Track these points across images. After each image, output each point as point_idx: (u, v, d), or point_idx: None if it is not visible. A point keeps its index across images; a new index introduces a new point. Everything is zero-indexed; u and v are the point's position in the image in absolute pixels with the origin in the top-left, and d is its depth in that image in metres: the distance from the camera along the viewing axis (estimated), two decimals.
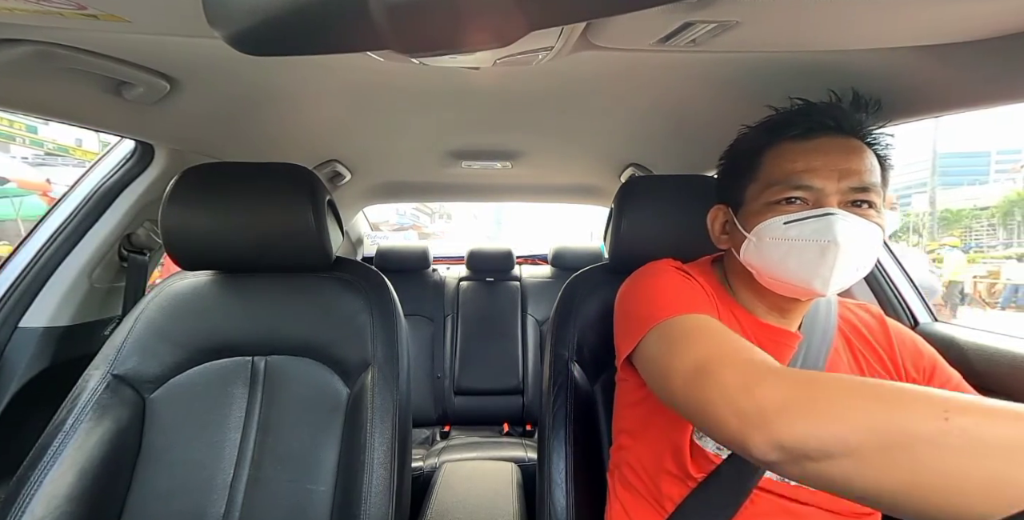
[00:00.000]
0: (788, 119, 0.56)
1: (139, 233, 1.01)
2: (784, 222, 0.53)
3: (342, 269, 0.82)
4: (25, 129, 7.29)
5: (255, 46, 0.32)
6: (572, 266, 1.92)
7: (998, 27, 0.49)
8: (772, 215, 0.54)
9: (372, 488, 0.65)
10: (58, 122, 0.79)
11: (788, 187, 0.53)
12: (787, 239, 0.52)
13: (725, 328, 0.49)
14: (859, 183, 0.51)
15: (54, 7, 0.44)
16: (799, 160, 0.53)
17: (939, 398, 0.33)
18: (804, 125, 0.54)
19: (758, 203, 0.56)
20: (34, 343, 0.89)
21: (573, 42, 0.57)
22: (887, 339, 0.62)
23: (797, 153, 0.53)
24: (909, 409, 0.32)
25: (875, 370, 0.60)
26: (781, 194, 0.53)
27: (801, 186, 0.52)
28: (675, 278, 0.59)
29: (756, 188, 0.56)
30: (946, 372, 0.60)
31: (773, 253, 0.53)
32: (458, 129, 1.10)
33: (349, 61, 0.68)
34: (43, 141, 6.13)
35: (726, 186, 0.62)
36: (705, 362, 0.43)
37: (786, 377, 0.38)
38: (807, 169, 0.52)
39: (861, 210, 0.52)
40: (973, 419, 0.31)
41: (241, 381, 0.75)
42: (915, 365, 0.59)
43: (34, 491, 0.61)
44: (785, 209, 0.53)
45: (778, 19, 0.50)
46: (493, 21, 0.30)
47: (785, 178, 0.53)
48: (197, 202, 0.72)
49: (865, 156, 0.52)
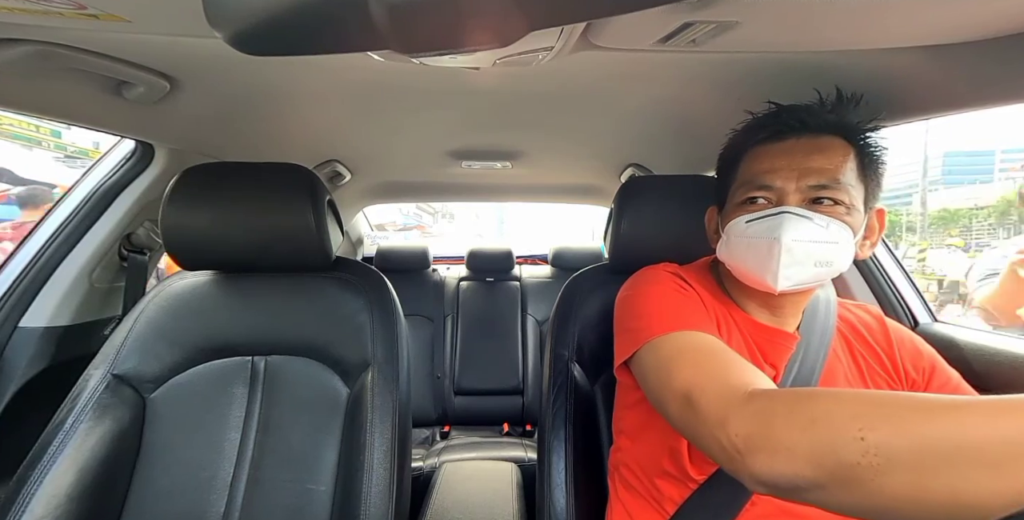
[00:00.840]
0: (760, 123, 0.58)
1: (139, 233, 1.01)
2: (745, 221, 0.55)
3: (342, 269, 0.82)
4: (50, 134, 7.69)
5: (255, 46, 0.32)
6: (572, 266, 1.92)
7: (998, 27, 0.49)
8: (737, 214, 0.57)
9: (372, 488, 0.65)
10: (58, 122, 0.79)
11: (753, 187, 0.56)
12: (747, 237, 0.55)
13: (713, 345, 0.50)
14: (818, 181, 0.52)
15: (54, 7, 0.45)
16: (765, 161, 0.55)
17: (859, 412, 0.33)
18: (773, 127, 0.56)
19: (731, 203, 0.59)
20: (34, 343, 0.89)
21: (573, 42, 0.57)
22: (887, 340, 0.62)
23: (765, 155, 0.55)
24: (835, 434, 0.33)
25: (874, 370, 0.60)
26: (747, 194, 0.56)
27: (763, 186, 0.55)
28: (670, 289, 0.60)
29: (733, 189, 0.59)
30: (945, 372, 0.60)
31: (736, 250, 0.56)
32: (458, 129, 1.10)
33: (349, 61, 0.68)
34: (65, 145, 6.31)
35: (717, 187, 0.64)
36: (689, 391, 0.44)
37: (752, 407, 0.39)
38: (770, 169, 0.54)
39: (823, 207, 0.52)
40: (883, 435, 0.31)
41: (241, 381, 0.75)
42: (914, 366, 0.59)
43: (34, 491, 0.61)
44: (749, 209, 0.56)
45: (778, 19, 0.50)
46: (493, 21, 0.30)
47: (751, 179, 0.56)
48: (197, 202, 0.72)
49: (833, 154, 0.53)
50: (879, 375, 0.59)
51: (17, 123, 7.48)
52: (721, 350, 0.49)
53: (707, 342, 0.50)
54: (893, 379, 0.59)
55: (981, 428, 0.29)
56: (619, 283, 0.66)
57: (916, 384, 0.59)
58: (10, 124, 7.35)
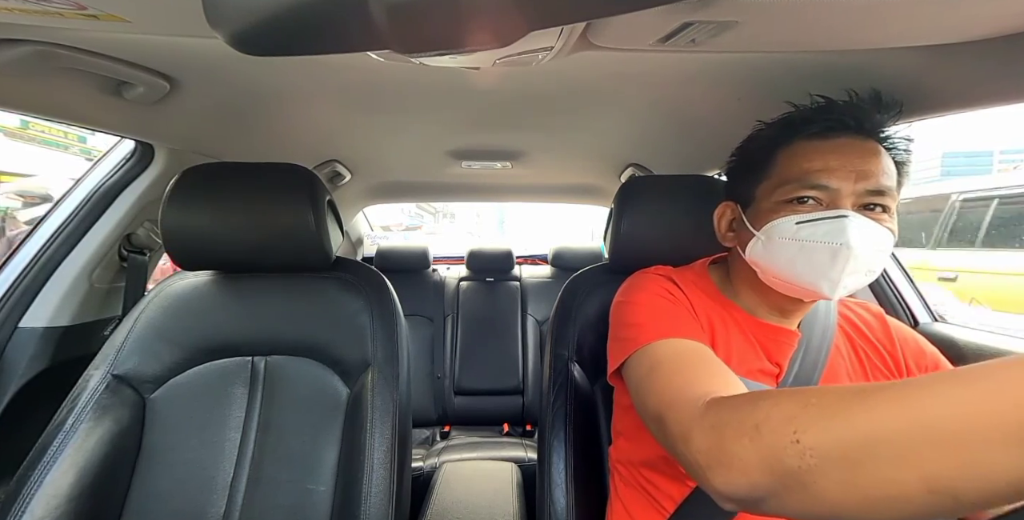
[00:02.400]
0: (808, 116, 0.54)
1: (139, 233, 1.01)
2: (796, 222, 0.51)
3: (342, 269, 0.82)
4: (77, 140, 8.24)
5: (255, 46, 0.32)
6: (572, 266, 1.92)
7: (998, 27, 0.49)
8: (784, 214, 0.52)
9: (372, 488, 0.65)
10: (58, 122, 0.79)
11: (802, 186, 0.51)
12: (797, 240, 0.51)
13: (690, 352, 0.50)
14: (875, 186, 0.50)
15: (54, 7, 0.44)
16: (816, 159, 0.51)
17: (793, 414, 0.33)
18: (824, 123, 0.52)
19: (769, 201, 0.54)
20: (34, 343, 0.89)
21: (573, 42, 0.57)
22: (888, 338, 0.62)
23: (814, 152, 0.52)
24: (775, 439, 0.33)
25: (877, 368, 0.59)
26: (794, 193, 0.52)
27: (816, 186, 0.51)
28: (658, 296, 0.59)
29: (768, 186, 0.55)
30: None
31: (782, 253, 0.52)
32: (458, 129, 1.10)
33: (349, 61, 0.68)
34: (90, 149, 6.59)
35: (736, 183, 0.60)
36: (659, 410, 0.45)
37: (708, 420, 0.39)
38: (824, 168, 0.51)
39: (874, 214, 0.51)
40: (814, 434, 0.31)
41: (241, 381, 0.75)
42: (917, 364, 0.59)
43: (34, 491, 0.61)
44: (797, 209, 0.52)
45: (778, 19, 0.50)
46: (492, 21, 0.30)
47: (800, 177, 0.52)
48: (197, 202, 0.72)
49: (883, 159, 0.51)
50: (881, 372, 0.59)
51: (48, 130, 7.90)
52: (699, 357, 0.49)
53: (687, 349, 0.50)
54: (894, 375, 0.59)
55: (891, 415, 0.29)
56: (619, 283, 0.66)
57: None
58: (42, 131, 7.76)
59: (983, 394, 0.26)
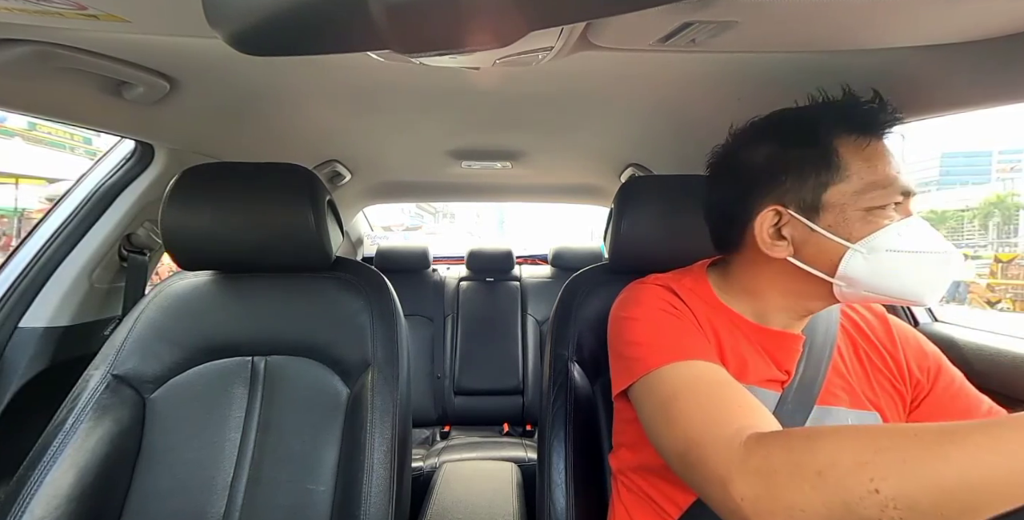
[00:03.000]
0: (865, 114, 0.50)
1: (139, 233, 1.01)
2: (898, 233, 0.47)
3: (342, 269, 0.82)
4: (82, 141, 8.65)
5: (255, 46, 0.32)
6: (572, 266, 1.92)
7: (998, 27, 0.49)
8: (882, 223, 0.48)
9: (372, 488, 0.65)
10: (58, 122, 0.79)
11: (894, 191, 0.48)
12: (906, 252, 0.47)
13: (709, 377, 0.47)
14: (912, 190, 0.49)
15: (54, 7, 0.44)
16: (888, 161, 0.48)
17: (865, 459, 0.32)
18: (874, 123, 0.49)
19: (857, 209, 0.48)
20: (34, 343, 0.89)
21: (573, 42, 0.57)
22: (890, 338, 0.60)
23: (878, 154, 0.49)
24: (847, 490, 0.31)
25: (878, 369, 0.59)
26: (887, 199, 0.48)
27: (906, 191, 0.48)
28: (659, 311, 0.55)
29: (845, 190, 0.49)
30: (950, 373, 0.58)
31: (890, 266, 0.47)
32: (458, 129, 1.10)
33: (349, 61, 0.68)
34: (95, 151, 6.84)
35: (784, 182, 0.52)
36: (687, 448, 0.42)
37: (753, 463, 0.36)
38: (896, 171, 0.48)
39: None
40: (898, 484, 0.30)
41: (241, 381, 0.75)
42: (919, 366, 0.58)
43: (34, 491, 0.61)
44: (889, 216, 0.48)
45: (778, 19, 0.50)
46: (492, 21, 0.30)
47: (890, 181, 0.48)
48: (197, 202, 0.72)
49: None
50: (883, 373, 0.58)
51: (54, 131, 8.07)
52: (717, 384, 0.46)
53: (703, 375, 0.48)
54: (896, 379, 0.58)
55: (990, 458, 0.28)
56: (619, 283, 0.66)
57: (920, 385, 0.57)
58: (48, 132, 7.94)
59: None
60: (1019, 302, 10.69)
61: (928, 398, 0.57)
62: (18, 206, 6.79)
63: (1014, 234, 29.98)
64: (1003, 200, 31.70)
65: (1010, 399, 0.75)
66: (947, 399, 0.56)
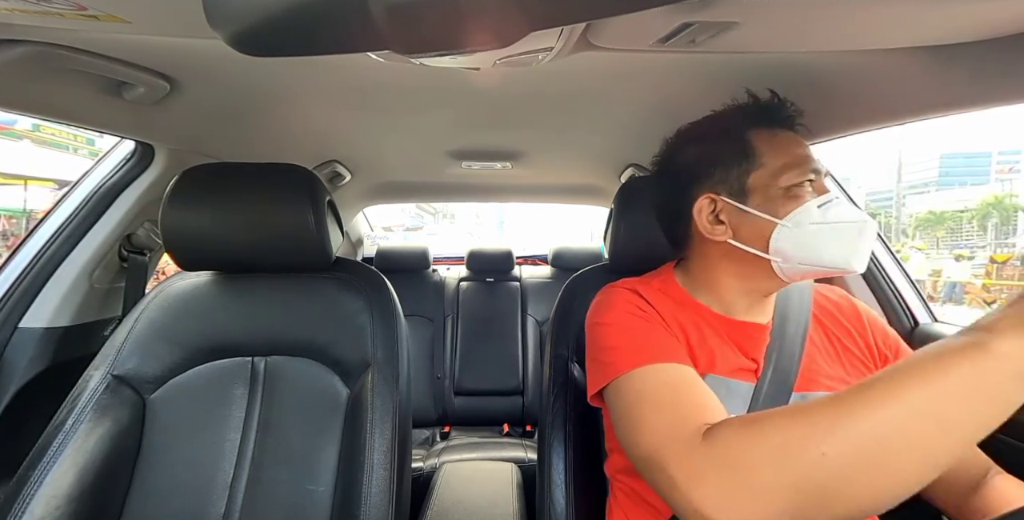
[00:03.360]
0: (772, 108, 0.58)
1: (139, 233, 1.01)
2: (818, 205, 0.53)
3: (342, 269, 0.82)
4: (85, 141, 8.83)
5: (255, 46, 0.32)
6: (572, 266, 1.92)
7: (998, 27, 0.49)
8: (802, 200, 0.53)
9: (372, 488, 0.65)
10: (58, 122, 0.79)
11: (805, 171, 0.54)
12: (827, 223, 0.52)
13: (673, 377, 0.49)
14: (824, 170, 0.56)
15: (54, 7, 0.45)
16: (795, 146, 0.56)
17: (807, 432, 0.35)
18: (779, 115, 0.57)
19: (775, 189, 0.54)
20: (34, 343, 0.89)
21: (573, 43, 0.57)
22: (858, 318, 0.64)
23: (788, 141, 0.56)
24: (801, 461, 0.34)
25: (849, 350, 0.61)
26: (800, 177, 0.54)
27: (815, 169, 0.55)
28: (628, 315, 0.58)
29: (764, 174, 0.55)
30: (908, 351, 0.62)
31: (813, 238, 0.52)
32: (458, 129, 1.10)
33: (349, 61, 0.68)
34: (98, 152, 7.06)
35: (712, 175, 0.58)
36: (650, 451, 0.43)
37: (717, 459, 0.38)
38: (806, 154, 0.55)
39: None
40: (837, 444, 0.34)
41: (241, 381, 0.75)
42: (884, 343, 0.62)
43: (34, 491, 0.61)
44: (807, 193, 0.54)
45: (778, 19, 0.50)
46: (493, 22, 0.30)
47: (799, 162, 0.54)
48: (197, 202, 0.72)
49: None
50: (853, 354, 0.61)
51: (57, 133, 8.12)
52: (681, 385, 0.48)
53: (668, 378, 0.49)
54: (867, 357, 0.61)
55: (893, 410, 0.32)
56: None
57: (888, 359, 0.61)
58: (51, 134, 8.00)
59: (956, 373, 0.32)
60: None
61: None
62: (26, 207, 6.84)
63: (1012, 235, 30.04)
64: (1001, 201, 31.79)
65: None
66: None
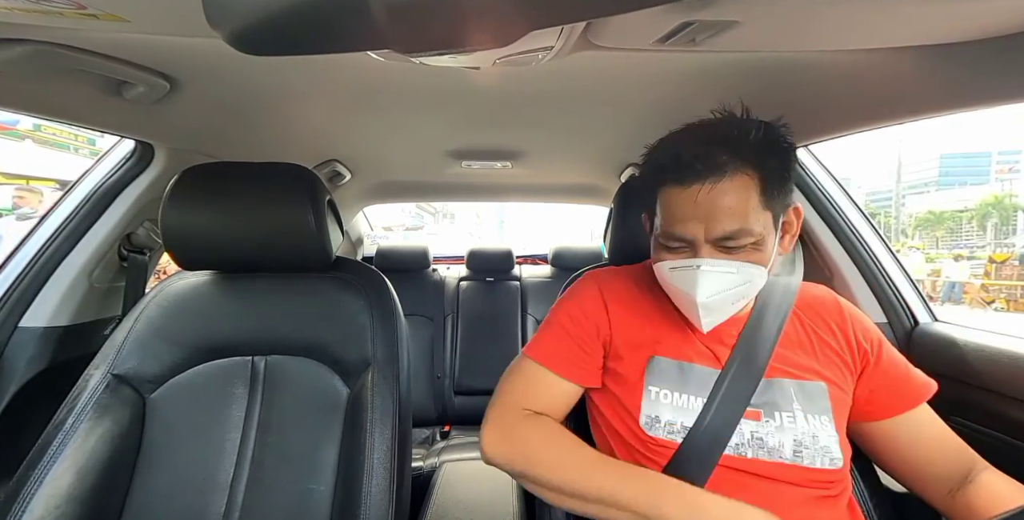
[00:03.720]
0: (662, 165, 0.58)
1: (139, 233, 1.01)
2: (669, 268, 0.59)
3: (342, 269, 0.82)
4: (86, 141, 9.03)
5: (255, 46, 0.32)
6: (572, 266, 1.92)
7: (998, 27, 0.49)
8: (661, 256, 0.60)
9: (372, 488, 0.65)
10: (58, 122, 0.79)
11: (671, 237, 0.58)
12: (672, 283, 0.59)
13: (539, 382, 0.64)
14: (724, 232, 0.54)
15: (54, 7, 0.44)
16: (677, 208, 0.57)
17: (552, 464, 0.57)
18: (676, 173, 0.56)
19: (656, 239, 0.61)
20: (34, 343, 0.89)
21: (573, 42, 0.57)
22: (840, 314, 0.65)
23: (675, 200, 0.57)
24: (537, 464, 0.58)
25: (825, 343, 0.63)
26: (667, 240, 0.59)
27: (679, 238, 0.57)
28: (567, 317, 0.67)
29: (657, 223, 0.60)
30: (890, 351, 0.64)
31: (666, 285, 0.61)
32: (458, 129, 1.10)
33: (349, 60, 0.68)
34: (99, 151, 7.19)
35: (648, 196, 0.63)
36: (493, 401, 0.65)
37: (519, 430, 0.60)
38: (681, 219, 0.56)
39: (734, 253, 0.55)
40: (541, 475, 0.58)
41: (241, 381, 0.75)
42: (865, 337, 0.63)
43: (34, 491, 0.61)
44: (670, 252, 0.59)
45: (778, 19, 0.50)
46: (493, 21, 0.30)
47: (667, 228, 0.58)
48: (197, 202, 0.72)
49: (737, 196, 0.54)
50: (830, 346, 0.63)
51: (58, 132, 8.16)
52: (542, 384, 0.64)
53: (541, 377, 0.64)
54: (843, 350, 0.63)
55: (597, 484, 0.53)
56: None
57: (867, 354, 0.63)
58: (53, 134, 8.04)
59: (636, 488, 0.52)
60: (1013, 302, 10.75)
61: (875, 367, 0.62)
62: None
63: (1012, 235, 30.06)
64: (1001, 201, 31.81)
65: (1010, 399, 0.75)
66: (889, 367, 0.63)
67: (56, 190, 6.35)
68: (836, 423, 0.57)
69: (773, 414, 0.57)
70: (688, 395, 0.59)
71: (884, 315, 1.00)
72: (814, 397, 0.58)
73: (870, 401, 0.61)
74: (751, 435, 0.57)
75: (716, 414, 0.57)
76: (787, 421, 0.57)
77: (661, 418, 0.58)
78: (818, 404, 0.58)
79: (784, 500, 0.54)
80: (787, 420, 0.57)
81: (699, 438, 0.56)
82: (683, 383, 0.59)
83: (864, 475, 0.68)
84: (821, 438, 0.56)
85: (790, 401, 0.58)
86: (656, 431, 0.58)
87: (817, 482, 0.56)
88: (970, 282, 11.72)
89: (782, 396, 0.58)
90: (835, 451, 0.56)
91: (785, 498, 0.54)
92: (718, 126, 0.57)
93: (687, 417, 0.57)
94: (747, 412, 0.57)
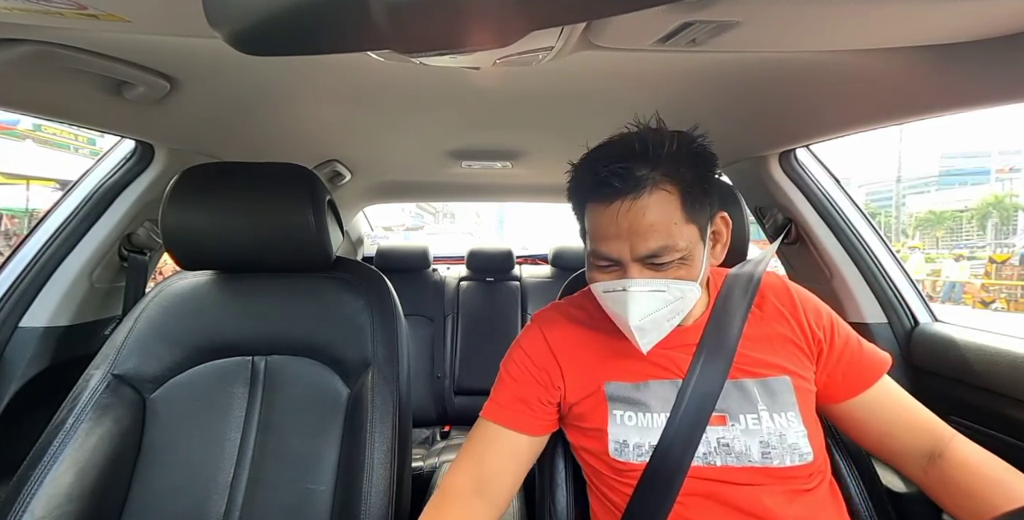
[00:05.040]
0: (584, 182, 0.58)
1: (139, 233, 1.01)
2: (603, 291, 0.58)
3: (342, 269, 0.82)
4: (86, 141, 9.04)
5: (255, 46, 0.32)
6: (572, 266, 1.93)
7: (998, 27, 0.49)
8: (596, 278, 0.59)
9: (372, 488, 0.65)
10: (58, 122, 0.79)
11: (599, 256, 0.57)
12: (607, 306, 0.59)
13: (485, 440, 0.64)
14: (649, 250, 0.54)
15: (54, 7, 0.45)
16: (600, 226, 0.56)
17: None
18: (598, 191, 0.55)
19: (588, 258, 0.60)
20: (34, 343, 0.89)
21: (573, 42, 0.57)
22: (791, 302, 0.65)
23: (599, 218, 0.56)
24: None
25: (783, 335, 0.63)
26: (596, 259, 0.58)
27: (605, 257, 0.56)
28: (513, 367, 0.67)
29: (587, 241, 0.60)
30: (844, 328, 0.64)
31: (602, 304, 0.60)
32: (458, 129, 1.10)
33: (349, 61, 0.68)
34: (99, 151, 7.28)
35: (577, 214, 0.64)
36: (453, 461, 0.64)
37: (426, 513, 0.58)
38: (605, 238, 0.56)
39: (661, 270, 0.55)
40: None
41: (241, 381, 0.75)
42: (817, 323, 0.63)
43: (34, 491, 0.61)
44: (602, 274, 0.58)
45: (778, 19, 0.50)
46: (493, 21, 0.30)
47: (595, 247, 0.57)
48: (197, 202, 0.72)
49: (658, 211, 0.53)
50: (787, 338, 0.62)
51: (59, 132, 8.20)
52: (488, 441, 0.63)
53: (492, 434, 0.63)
54: (799, 338, 0.62)
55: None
56: None
57: (821, 341, 0.62)
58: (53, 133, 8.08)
59: None
60: (1013, 302, 10.76)
61: (830, 351, 0.62)
62: (29, 207, 6.89)
63: (1012, 235, 30.06)
64: (1001, 201, 31.80)
65: (1010, 399, 0.75)
66: (843, 349, 0.62)
67: (56, 190, 6.34)
68: (804, 415, 0.57)
69: (738, 417, 0.57)
70: (651, 414, 0.58)
71: (884, 315, 1.00)
72: (778, 393, 0.58)
73: (829, 385, 0.62)
74: (717, 442, 0.56)
75: (680, 427, 0.56)
76: (752, 423, 0.57)
77: (629, 442, 0.58)
78: (783, 400, 0.58)
79: (760, 502, 0.54)
80: (752, 422, 0.57)
81: (665, 455, 0.56)
82: (642, 404, 0.59)
83: (864, 475, 0.68)
84: (788, 436, 0.56)
85: (754, 402, 0.58)
86: (626, 455, 0.58)
87: (791, 479, 0.56)
88: (970, 282, 11.73)
89: (746, 398, 0.58)
90: (804, 447, 0.56)
91: (761, 500, 0.54)
92: (634, 140, 0.56)
93: (653, 436, 0.57)
94: (712, 418, 0.57)
